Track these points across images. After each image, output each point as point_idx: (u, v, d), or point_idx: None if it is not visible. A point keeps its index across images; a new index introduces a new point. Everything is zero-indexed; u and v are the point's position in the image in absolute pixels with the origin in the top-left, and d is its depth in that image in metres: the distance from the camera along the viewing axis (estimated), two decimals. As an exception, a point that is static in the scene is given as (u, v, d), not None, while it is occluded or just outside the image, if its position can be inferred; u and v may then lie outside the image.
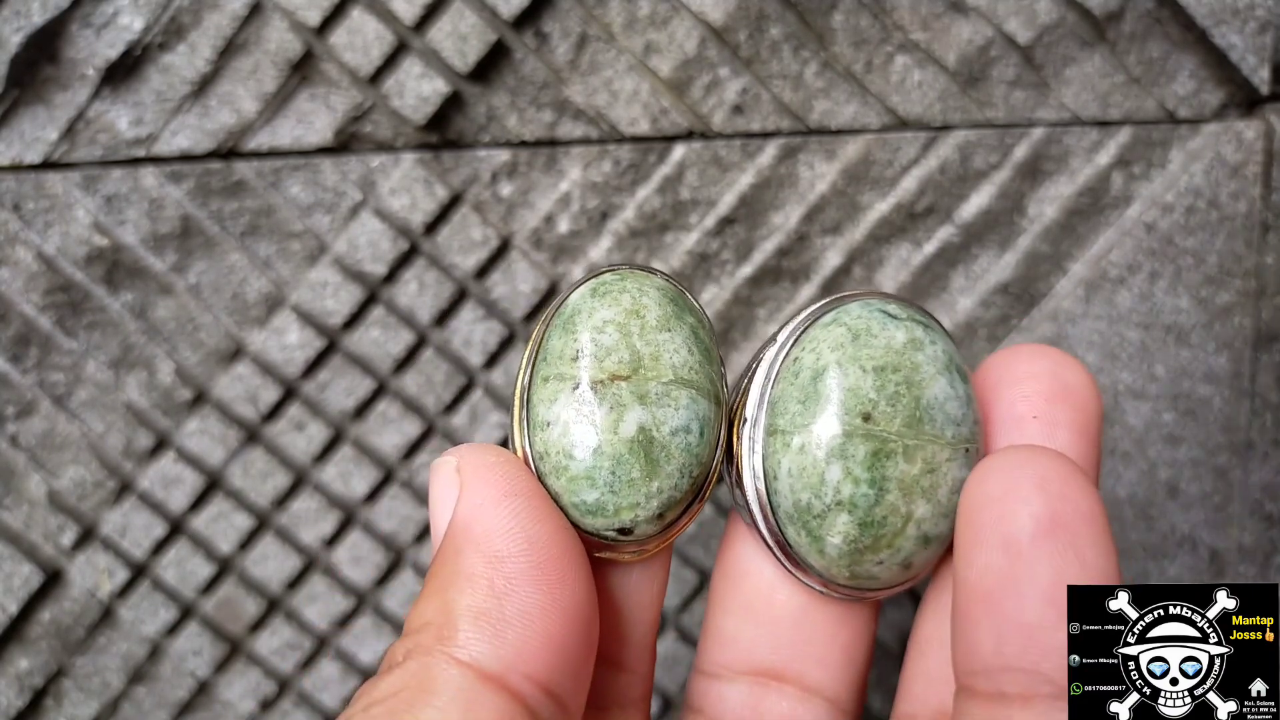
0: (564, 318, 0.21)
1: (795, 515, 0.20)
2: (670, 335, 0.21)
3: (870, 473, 0.20)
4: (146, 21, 0.30)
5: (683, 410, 0.20)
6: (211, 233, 0.31)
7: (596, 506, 0.20)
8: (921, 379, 0.20)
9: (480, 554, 0.19)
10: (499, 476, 0.20)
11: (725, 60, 0.32)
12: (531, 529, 0.19)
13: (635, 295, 0.21)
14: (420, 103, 0.31)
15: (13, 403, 0.32)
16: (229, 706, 0.34)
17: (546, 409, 0.20)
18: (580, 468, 0.20)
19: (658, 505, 0.20)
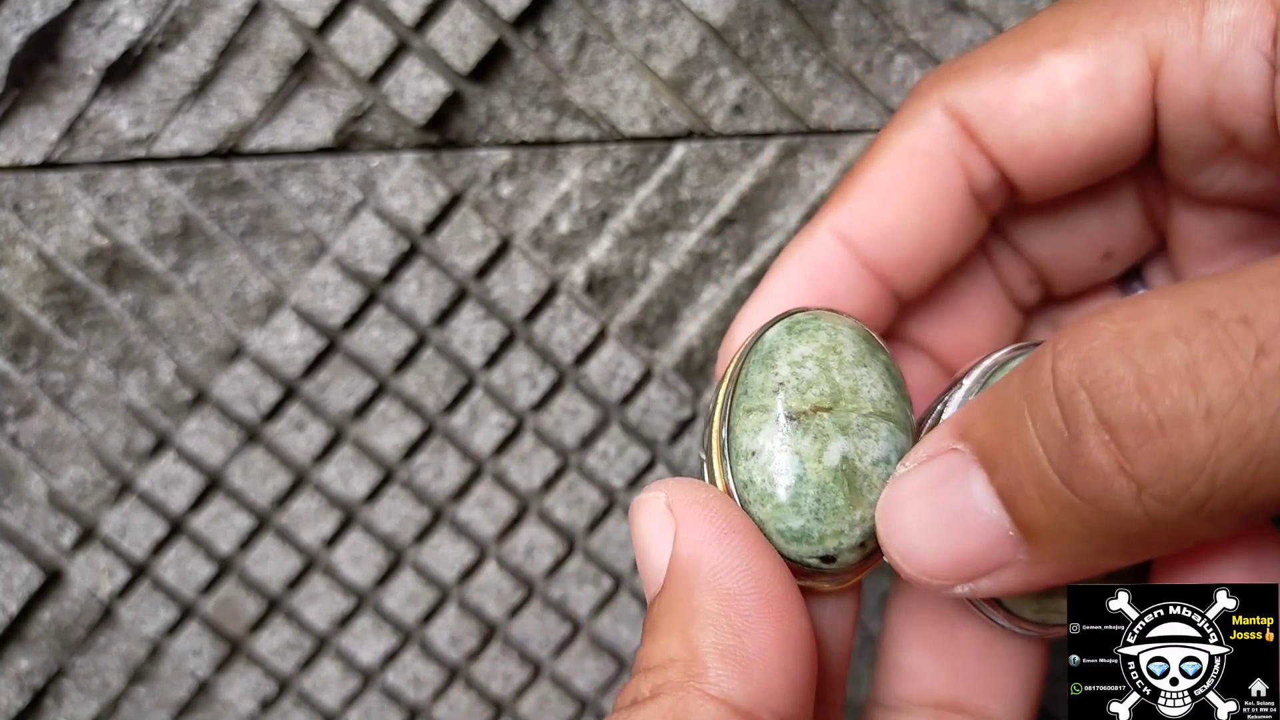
0: (762, 354, 0.21)
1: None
2: (867, 370, 0.21)
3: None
4: (146, 21, 0.30)
5: (883, 442, 0.21)
6: (211, 233, 0.31)
7: (802, 533, 0.20)
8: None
9: (713, 592, 0.19)
10: (714, 513, 0.20)
11: (725, 60, 0.32)
12: (755, 566, 0.19)
13: (831, 333, 0.21)
14: (420, 103, 0.31)
15: (13, 403, 0.32)
16: (229, 706, 0.34)
17: (751, 439, 0.21)
18: (786, 495, 0.20)
19: (860, 534, 0.21)
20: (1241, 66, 0.20)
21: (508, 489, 0.34)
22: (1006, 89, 0.22)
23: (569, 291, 0.33)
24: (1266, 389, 0.15)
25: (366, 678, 0.35)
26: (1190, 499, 0.16)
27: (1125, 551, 0.17)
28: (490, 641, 0.35)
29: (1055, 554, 0.18)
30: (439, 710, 0.35)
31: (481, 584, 0.35)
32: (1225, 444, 0.15)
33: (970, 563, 0.19)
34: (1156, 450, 0.16)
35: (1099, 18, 0.21)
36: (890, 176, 0.23)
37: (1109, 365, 0.16)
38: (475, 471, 0.34)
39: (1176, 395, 0.15)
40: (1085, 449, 0.16)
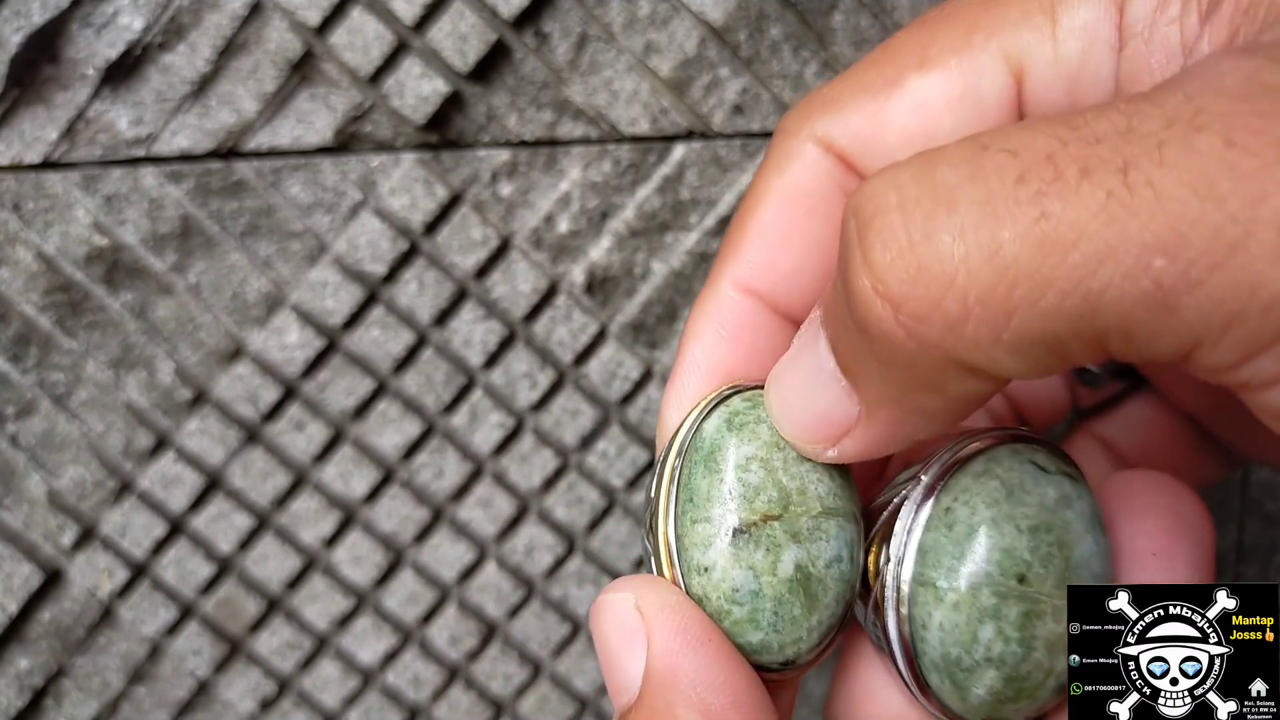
0: (703, 454, 0.21)
1: (942, 666, 0.21)
2: (811, 465, 0.21)
3: (1021, 632, 0.20)
4: (146, 21, 0.30)
5: (833, 541, 0.21)
6: (211, 233, 0.31)
7: (761, 646, 0.20)
8: (1071, 538, 0.21)
9: (693, 708, 0.19)
10: (686, 620, 0.20)
11: (725, 60, 0.32)
12: (731, 678, 0.19)
13: (771, 426, 0.21)
14: (420, 102, 0.31)
15: (13, 403, 0.32)
16: (229, 706, 0.34)
17: (702, 554, 0.20)
18: (743, 612, 0.20)
19: (818, 637, 0.21)
20: (1099, 68, 0.20)
21: (508, 489, 0.34)
22: (876, 117, 0.22)
23: (569, 291, 0.33)
24: (1019, 210, 0.15)
25: (366, 678, 0.35)
26: (945, 317, 0.15)
27: (925, 385, 0.17)
28: (490, 641, 0.35)
29: (875, 398, 0.18)
30: (439, 710, 0.35)
31: (481, 584, 0.35)
32: (974, 258, 0.15)
33: (826, 421, 0.19)
34: (906, 265, 0.15)
35: (956, 34, 0.21)
36: (778, 219, 0.23)
37: (876, 190, 0.16)
38: (475, 471, 0.34)
39: (928, 211, 0.15)
40: (851, 275, 0.16)
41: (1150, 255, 0.14)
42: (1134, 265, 0.14)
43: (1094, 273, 0.14)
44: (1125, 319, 0.15)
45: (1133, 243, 0.14)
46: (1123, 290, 0.15)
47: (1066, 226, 0.15)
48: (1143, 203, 0.14)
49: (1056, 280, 0.15)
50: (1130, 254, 0.14)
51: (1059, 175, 0.15)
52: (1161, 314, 0.15)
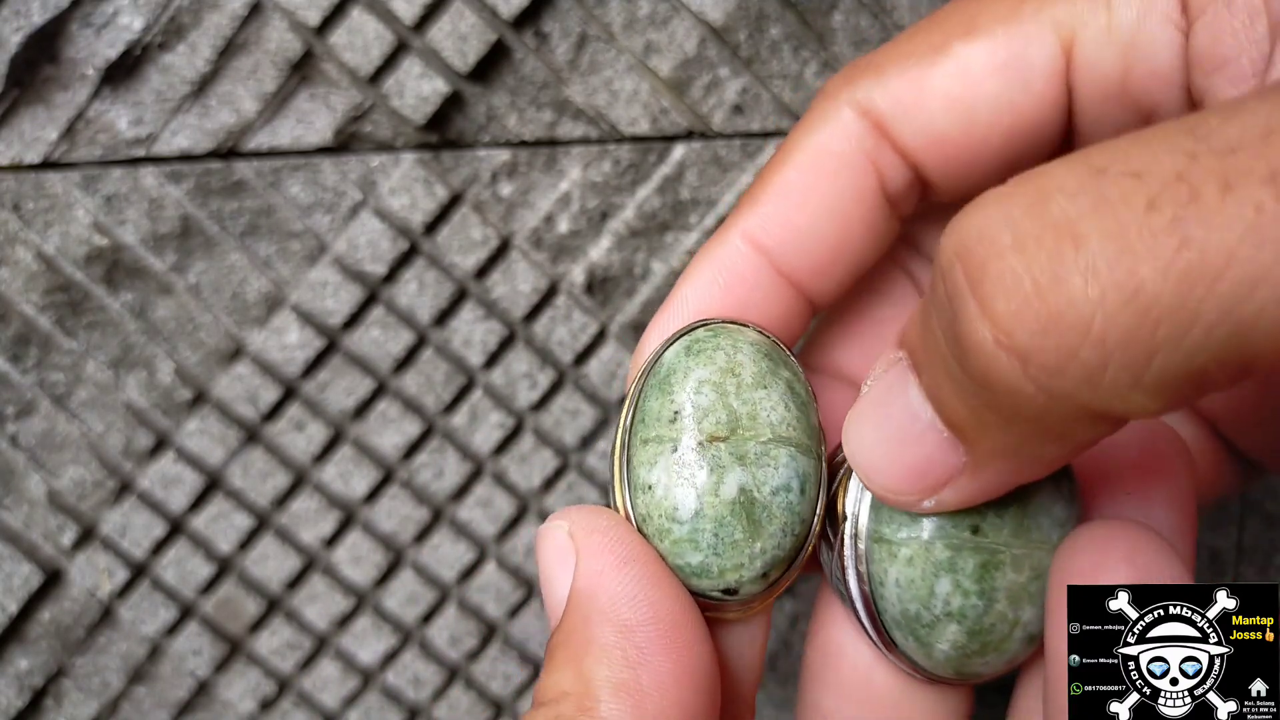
0: (659, 377, 0.21)
1: (903, 622, 0.21)
2: (767, 392, 0.21)
3: (980, 584, 0.20)
4: (146, 21, 0.30)
5: (783, 469, 0.20)
6: (211, 233, 0.31)
7: (701, 569, 0.20)
8: (1028, 486, 0.20)
9: (609, 623, 0.19)
10: (614, 542, 0.20)
11: (725, 60, 0.32)
12: (653, 594, 0.19)
13: (730, 352, 0.21)
14: (420, 102, 0.31)
15: (13, 403, 0.32)
16: (229, 706, 0.34)
17: (647, 472, 0.20)
18: (683, 531, 0.20)
19: (761, 565, 0.20)
20: (1154, 39, 0.20)
21: (508, 489, 0.34)
22: (919, 82, 0.21)
23: (569, 291, 0.33)
24: (1157, 242, 0.13)
25: (366, 678, 0.35)
26: (1083, 367, 0.14)
27: (1052, 436, 0.16)
28: (490, 641, 0.35)
29: (989, 450, 0.17)
30: (439, 710, 0.35)
31: (481, 584, 0.35)
32: (1112, 301, 0.14)
33: (924, 473, 0.18)
34: (1033, 315, 0.14)
35: (1006, 4, 0.21)
36: (802, 179, 0.22)
37: (984, 229, 0.15)
38: (475, 471, 0.34)
39: (1053, 251, 0.14)
40: (964, 324, 0.15)
41: None
42: None
43: (1247, 298, 0.13)
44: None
45: None
46: (1279, 314, 0.13)
47: (1214, 253, 0.13)
48: None
49: (1204, 313, 0.13)
50: None
51: (1195, 195, 0.13)
52: None
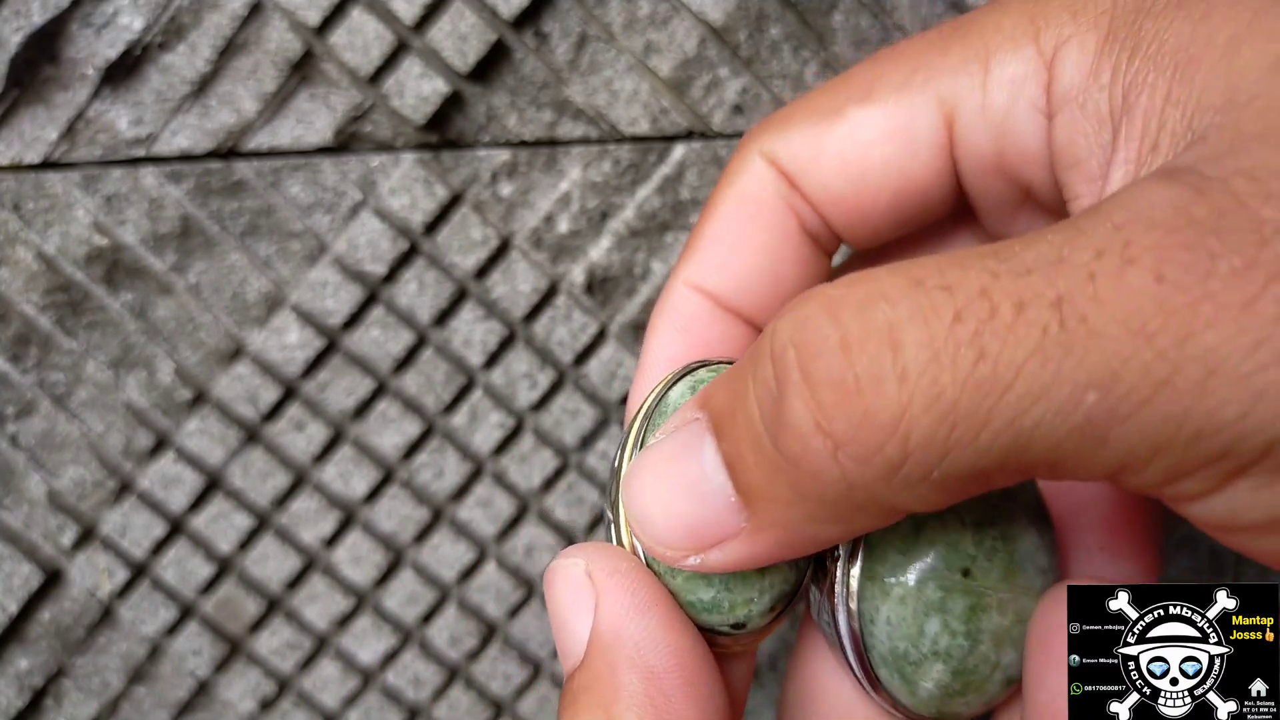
0: (666, 415, 0.21)
1: (890, 659, 0.21)
2: None
3: (967, 625, 0.20)
4: (146, 21, 0.30)
5: None
6: (211, 233, 0.31)
7: (713, 604, 0.20)
8: (1015, 532, 0.21)
9: (636, 669, 0.19)
10: (635, 584, 0.20)
11: (725, 60, 0.32)
12: (676, 641, 0.19)
13: None
14: (420, 102, 0.31)
15: (13, 403, 0.32)
16: (229, 706, 0.34)
17: None
18: None
19: (770, 599, 0.21)
20: (1023, 124, 0.21)
21: (508, 489, 0.34)
22: (816, 141, 0.23)
23: (569, 291, 0.33)
24: (959, 353, 0.15)
25: (366, 678, 0.35)
26: (884, 460, 0.16)
27: (834, 518, 0.17)
28: (490, 641, 0.35)
29: (771, 520, 0.18)
30: (439, 710, 0.35)
31: (481, 584, 0.35)
32: (918, 405, 0.15)
33: (699, 532, 0.19)
34: (852, 408, 0.16)
35: (901, 73, 0.22)
36: (730, 225, 0.24)
37: (818, 325, 0.16)
38: (475, 471, 0.34)
39: (874, 355, 0.16)
40: (789, 406, 0.16)
41: (1083, 391, 0.15)
42: (1067, 401, 0.15)
43: (1029, 410, 0.15)
44: (1055, 450, 0.15)
45: (1067, 380, 0.15)
46: (1055, 425, 0.15)
47: (1004, 367, 0.15)
48: (1077, 339, 0.15)
49: (992, 419, 0.15)
50: (1064, 390, 0.15)
51: (994, 312, 0.15)
52: (1091, 445, 0.15)
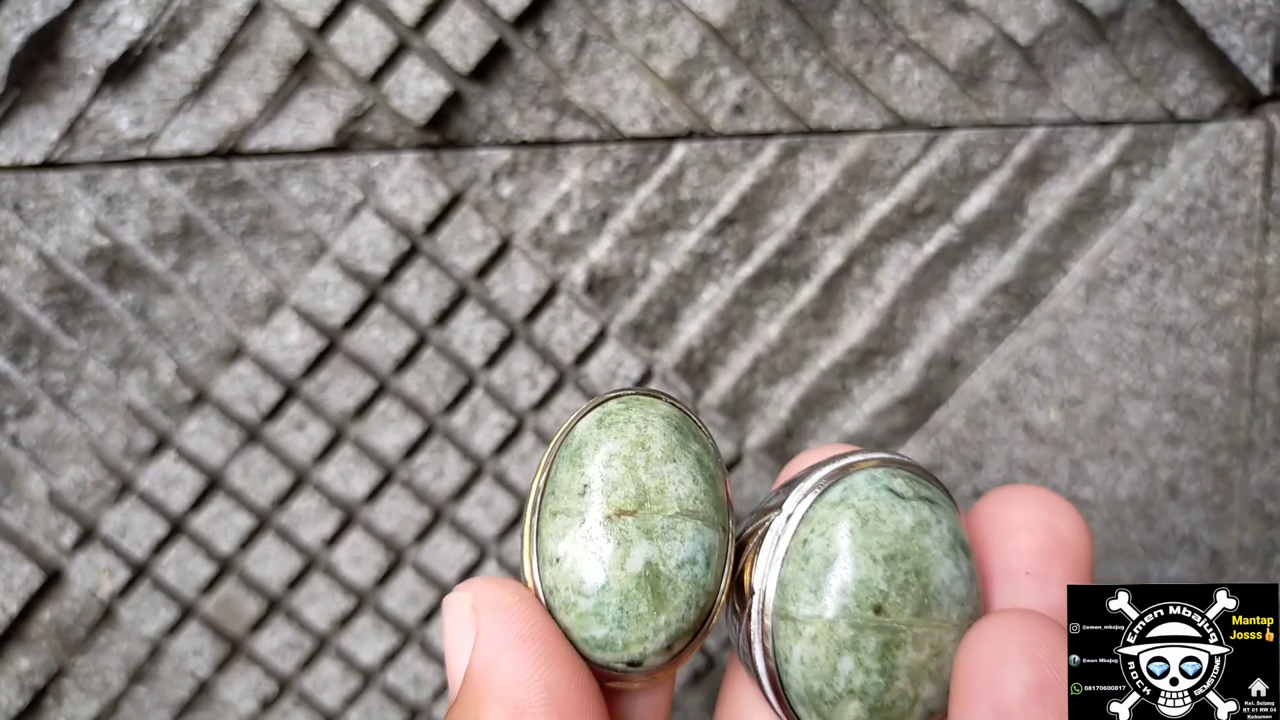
0: (571, 449, 0.21)
1: (807, 699, 0.21)
2: (675, 466, 0.21)
3: (881, 663, 0.20)
4: (147, 21, 0.30)
5: (688, 543, 0.21)
6: (212, 232, 0.31)
7: (606, 642, 0.20)
8: (929, 564, 0.21)
9: (500, 705, 0.19)
10: (515, 618, 0.20)
11: (725, 60, 0.32)
12: (550, 676, 0.19)
13: (640, 426, 0.21)
14: (420, 102, 0.31)
15: (13, 402, 0.32)
16: (229, 706, 0.34)
17: (555, 544, 0.21)
18: (589, 604, 0.20)
19: (665, 638, 0.21)
20: None
21: (508, 489, 0.34)
22: None
23: (569, 291, 0.33)
24: None
25: (366, 678, 0.35)
26: None
27: None
28: (490, 641, 0.35)
29: None
30: (439, 710, 0.35)
31: (482, 584, 0.35)
32: None
33: None
34: None
35: None
36: None
37: None
38: (475, 471, 0.34)
39: None
40: None
41: None
42: None
43: None
44: None
45: None
46: None
47: None
48: None
49: None
50: None
51: None
52: None
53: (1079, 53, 0.32)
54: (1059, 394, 0.34)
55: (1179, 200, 0.33)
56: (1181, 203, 0.33)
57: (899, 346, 0.34)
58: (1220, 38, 0.32)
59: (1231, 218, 0.33)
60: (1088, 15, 0.32)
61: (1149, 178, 0.33)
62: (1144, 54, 0.32)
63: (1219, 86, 0.33)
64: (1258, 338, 0.34)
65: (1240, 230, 0.34)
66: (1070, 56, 0.32)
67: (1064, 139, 0.33)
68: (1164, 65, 0.33)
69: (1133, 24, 0.32)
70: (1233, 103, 0.33)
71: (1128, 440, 0.35)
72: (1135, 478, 0.35)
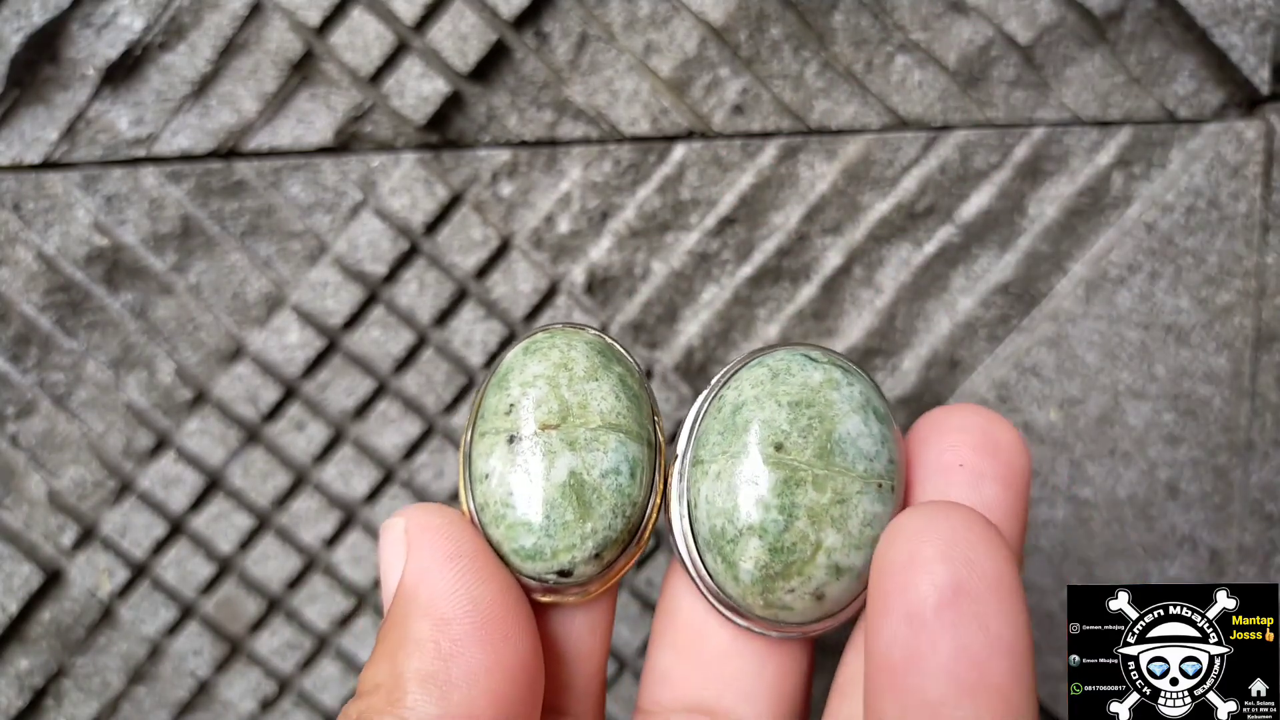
0: (499, 376, 0.22)
1: (712, 541, 0.21)
2: (597, 384, 0.22)
3: (780, 499, 0.20)
4: (147, 21, 0.30)
5: (611, 453, 0.21)
6: (212, 233, 0.31)
7: (535, 551, 0.21)
8: (835, 415, 0.21)
9: (427, 618, 0.20)
10: (444, 538, 0.21)
11: (725, 60, 0.32)
12: (475, 589, 0.20)
13: (564, 350, 0.22)
14: (420, 102, 0.31)
15: (13, 403, 0.32)
16: (229, 706, 0.34)
17: (484, 462, 0.21)
18: (516, 515, 0.21)
19: (593, 545, 0.21)
20: None
21: (508, 489, 0.34)
22: None
23: (569, 291, 0.33)
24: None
25: (366, 678, 0.35)
26: None
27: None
28: (490, 641, 0.35)
29: None
30: (439, 710, 0.35)
31: (481, 584, 0.35)
32: None
33: None
34: None
35: None
36: None
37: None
38: (475, 471, 0.34)
39: None
40: None
41: None
42: None
43: None
44: None
45: None
46: None
47: None
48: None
49: None
50: None
51: None
52: None
53: (1079, 53, 0.32)
54: (1059, 394, 0.34)
55: (1179, 200, 0.33)
56: (1181, 203, 0.33)
57: (899, 346, 0.34)
58: (1220, 38, 0.32)
59: (1231, 218, 0.33)
60: (1088, 15, 0.32)
61: (1149, 178, 0.33)
62: (1144, 54, 0.32)
63: (1219, 86, 0.33)
64: (1258, 338, 0.34)
65: (1240, 230, 0.34)
66: (1070, 56, 0.32)
67: (1064, 139, 0.33)
68: (1164, 65, 0.33)
69: (1132, 24, 0.32)
70: (1232, 103, 0.33)
71: (1128, 440, 0.35)
72: (1135, 478, 0.35)
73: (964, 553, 0.18)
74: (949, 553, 0.18)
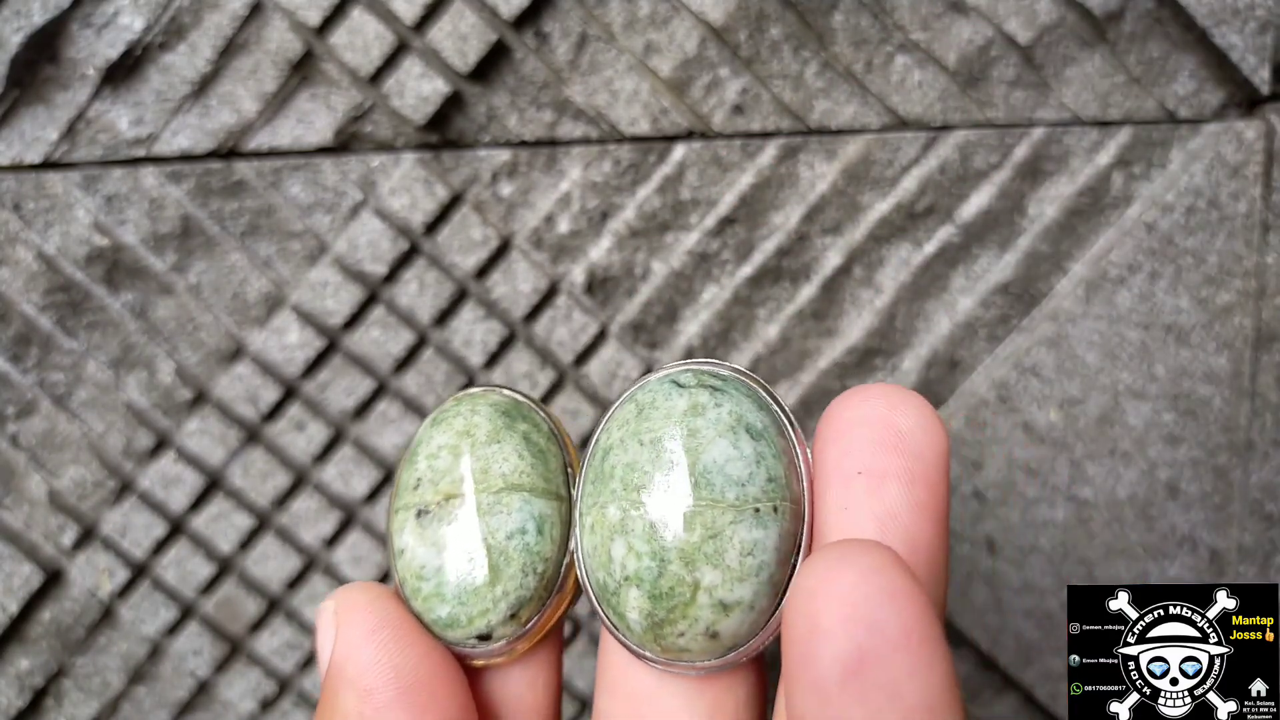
0: (410, 451, 0.23)
1: (600, 595, 0.21)
2: (499, 446, 0.22)
3: (650, 544, 0.20)
4: (147, 21, 0.30)
5: (515, 514, 0.22)
6: (212, 233, 0.31)
7: (450, 620, 0.21)
8: (698, 445, 0.20)
9: (353, 691, 0.20)
10: (369, 613, 0.21)
11: (725, 60, 0.32)
12: (397, 657, 0.21)
13: (467, 416, 0.22)
14: (420, 102, 0.31)
15: (13, 403, 0.32)
16: (229, 706, 0.34)
17: (399, 538, 0.22)
18: (430, 587, 0.21)
19: (507, 607, 0.21)
20: None
21: (508, 489, 0.34)
22: None
23: (569, 291, 0.33)
24: None
25: (366, 678, 0.35)
26: None
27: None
28: (490, 641, 0.35)
29: None
30: (439, 710, 0.35)
31: (481, 584, 0.35)
32: None
33: None
34: None
35: None
36: None
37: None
38: (475, 471, 0.34)
39: None
40: None
41: None
42: None
43: None
44: None
45: None
46: None
47: None
48: None
49: None
50: None
51: None
52: None
53: (1079, 53, 0.32)
54: (1059, 394, 0.34)
55: (1179, 200, 0.33)
56: (1181, 203, 0.33)
57: (899, 347, 0.34)
58: (1220, 38, 0.32)
59: (1231, 218, 0.33)
60: (1087, 15, 0.32)
61: (1149, 178, 0.33)
62: (1144, 54, 0.32)
63: (1219, 86, 0.33)
64: (1258, 338, 0.34)
65: (1240, 230, 0.34)
66: (1070, 56, 0.32)
67: (1064, 139, 0.33)
68: (1164, 65, 0.33)
69: (1132, 24, 0.32)
70: (1232, 103, 0.33)
71: (1128, 440, 0.35)
72: (1135, 478, 0.35)
73: (867, 614, 0.16)
74: (851, 616, 0.16)
